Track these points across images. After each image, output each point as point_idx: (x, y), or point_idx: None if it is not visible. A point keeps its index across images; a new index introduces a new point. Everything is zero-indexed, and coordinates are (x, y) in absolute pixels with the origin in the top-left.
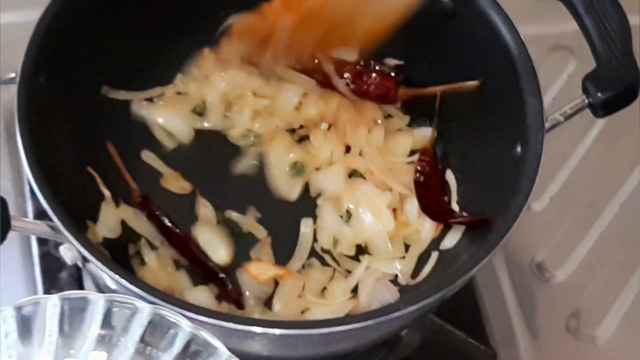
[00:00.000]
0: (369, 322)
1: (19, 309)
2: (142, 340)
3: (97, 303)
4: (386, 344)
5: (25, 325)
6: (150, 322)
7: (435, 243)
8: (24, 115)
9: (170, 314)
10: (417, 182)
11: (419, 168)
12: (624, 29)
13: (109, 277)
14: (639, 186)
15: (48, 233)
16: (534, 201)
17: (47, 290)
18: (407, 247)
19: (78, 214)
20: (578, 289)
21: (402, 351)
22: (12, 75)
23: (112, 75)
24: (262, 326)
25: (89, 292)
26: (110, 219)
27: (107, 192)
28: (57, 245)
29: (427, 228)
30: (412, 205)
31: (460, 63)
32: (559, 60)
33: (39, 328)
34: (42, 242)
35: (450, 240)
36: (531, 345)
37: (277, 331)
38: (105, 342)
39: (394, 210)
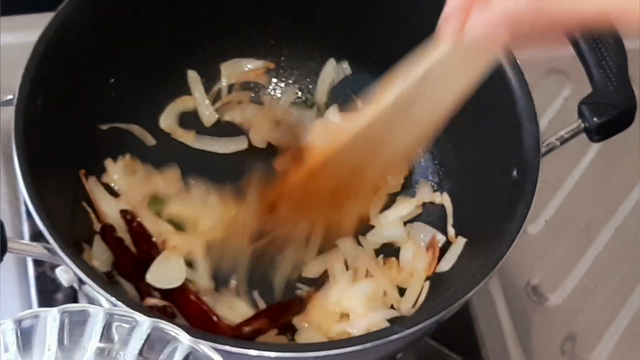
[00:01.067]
0: (366, 345)
1: (18, 322)
2: (141, 353)
3: (97, 316)
4: None
5: (25, 338)
6: (149, 336)
7: None
8: (21, 137)
9: (170, 327)
10: None
11: None
12: (619, 54)
13: (105, 300)
14: (634, 210)
15: (44, 255)
16: (529, 224)
17: None
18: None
19: (74, 237)
20: (573, 312)
21: None
22: (10, 97)
23: (110, 99)
24: (258, 349)
25: (89, 305)
26: (103, 252)
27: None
28: (53, 266)
29: (421, 267)
30: (406, 251)
31: None
32: (554, 84)
33: (39, 341)
34: (38, 263)
35: (446, 263)
36: None
37: (272, 354)
38: (104, 355)
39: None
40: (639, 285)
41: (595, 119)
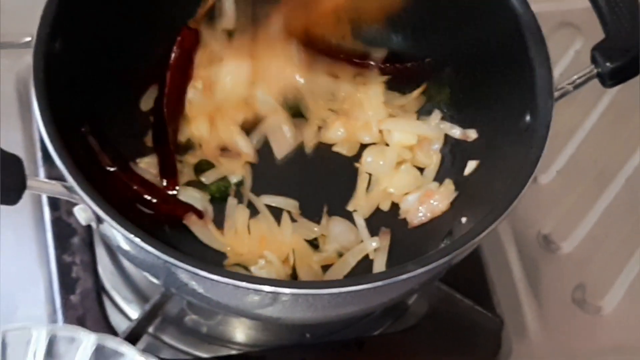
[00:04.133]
0: (378, 284)
1: None
2: None
3: (40, 334)
4: (394, 313)
5: None
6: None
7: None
8: (40, 78)
9: (115, 344)
10: None
11: None
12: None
13: (122, 237)
14: None
15: (62, 193)
16: (540, 174)
17: (59, 256)
18: None
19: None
20: (584, 261)
21: (410, 319)
22: (28, 39)
23: (128, 41)
24: (273, 285)
25: (32, 324)
26: None
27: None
28: (68, 211)
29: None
30: None
31: (470, 33)
32: (566, 37)
33: None
34: (53, 207)
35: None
36: (537, 314)
37: (287, 290)
38: None
39: None
40: None
41: (608, 64)
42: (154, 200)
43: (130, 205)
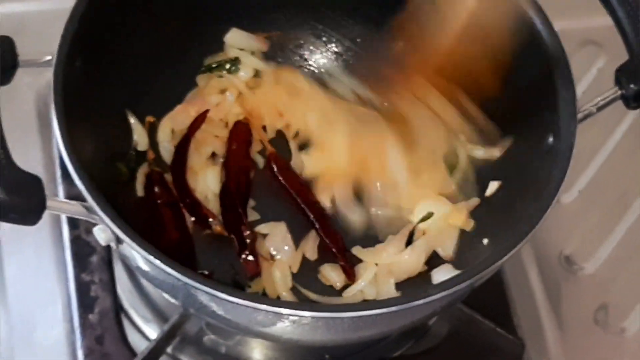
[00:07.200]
0: (400, 307)
1: None
2: None
3: None
4: (414, 334)
5: None
6: None
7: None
8: (59, 97)
9: None
10: None
11: None
12: None
13: (142, 258)
14: None
15: (82, 213)
16: (562, 194)
17: (78, 275)
18: None
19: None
20: (606, 282)
21: (430, 341)
22: (49, 57)
23: (148, 60)
24: (293, 308)
25: None
26: None
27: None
28: (87, 229)
29: None
30: None
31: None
32: (589, 55)
33: None
34: (72, 226)
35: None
36: (559, 336)
37: (307, 314)
38: None
39: None
40: None
41: (632, 86)
42: None
43: (151, 224)
